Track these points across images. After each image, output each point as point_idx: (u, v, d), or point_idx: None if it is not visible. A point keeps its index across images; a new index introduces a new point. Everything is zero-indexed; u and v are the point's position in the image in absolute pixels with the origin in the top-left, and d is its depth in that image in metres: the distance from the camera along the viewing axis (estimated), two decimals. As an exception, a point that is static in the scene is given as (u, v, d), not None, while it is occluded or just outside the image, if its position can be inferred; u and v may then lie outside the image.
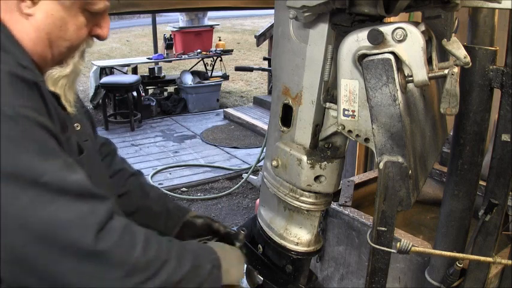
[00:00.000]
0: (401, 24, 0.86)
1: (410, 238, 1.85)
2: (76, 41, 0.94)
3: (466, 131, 1.43)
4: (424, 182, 1.08)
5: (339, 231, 2.16)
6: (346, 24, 0.95)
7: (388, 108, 0.89)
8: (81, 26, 0.92)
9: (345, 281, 2.20)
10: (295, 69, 1.07)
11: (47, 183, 0.76)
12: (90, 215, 0.80)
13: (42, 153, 0.78)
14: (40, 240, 0.76)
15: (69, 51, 0.94)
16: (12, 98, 0.78)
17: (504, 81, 1.33)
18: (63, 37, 0.91)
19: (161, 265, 0.88)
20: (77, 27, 0.92)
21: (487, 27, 1.37)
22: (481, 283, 1.56)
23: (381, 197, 0.94)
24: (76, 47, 0.95)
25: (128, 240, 0.84)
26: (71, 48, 0.94)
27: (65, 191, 0.78)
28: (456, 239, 1.55)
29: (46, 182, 0.76)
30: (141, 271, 0.84)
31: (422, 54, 0.87)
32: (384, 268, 1.02)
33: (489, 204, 1.43)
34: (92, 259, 0.79)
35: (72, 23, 0.91)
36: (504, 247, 1.81)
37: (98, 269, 0.80)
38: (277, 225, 1.25)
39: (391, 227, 0.96)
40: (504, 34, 1.34)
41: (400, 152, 0.91)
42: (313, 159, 1.09)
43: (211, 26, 7.89)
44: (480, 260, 1.34)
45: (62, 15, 0.89)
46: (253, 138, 6.05)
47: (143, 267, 0.84)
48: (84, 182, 0.82)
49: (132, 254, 0.83)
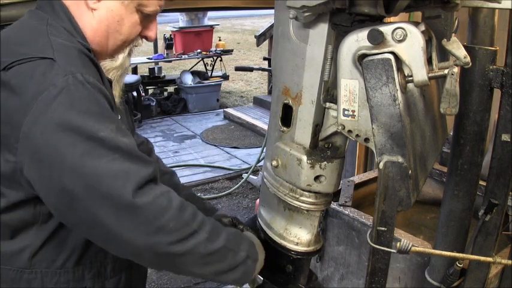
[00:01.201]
0: (401, 24, 0.86)
1: (410, 238, 1.85)
2: (129, 36, 1.08)
3: (466, 131, 1.43)
4: (424, 182, 1.08)
5: (339, 231, 2.16)
6: (346, 24, 0.95)
7: (388, 108, 0.89)
8: (135, 23, 1.07)
9: (345, 281, 2.20)
10: (295, 69, 1.07)
11: (102, 139, 0.90)
12: (134, 172, 0.92)
13: (101, 115, 0.93)
14: (87, 185, 0.89)
15: (123, 45, 1.09)
16: (82, 68, 0.94)
17: (504, 81, 1.33)
18: (119, 31, 1.06)
19: (189, 234, 0.96)
20: (132, 24, 1.06)
21: (487, 27, 1.37)
22: (481, 283, 1.56)
23: (381, 197, 0.94)
24: (129, 43, 1.09)
25: (163, 203, 0.94)
26: (124, 42, 1.08)
27: (115, 149, 0.91)
28: (456, 239, 1.55)
29: (101, 138, 0.90)
30: (168, 233, 0.94)
31: (422, 54, 0.87)
32: (383, 268, 1.02)
33: (489, 204, 1.43)
34: (128, 210, 0.91)
35: (128, 19, 1.05)
36: (504, 247, 1.81)
37: (131, 220, 0.91)
38: (277, 225, 1.25)
39: (391, 227, 0.96)
40: (504, 34, 1.34)
41: (400, 152, 0.91)
42: (313, 159, 1.09)
43: (211, 26, 7.89)
44: (480, 260, 1.34)
45: (121, 11, 1.04)
46: (253, 138, 6.05)
47: (171, 230, 0.94)
48: (132, 146, 0.95)
49: (163, 216, 0.93)
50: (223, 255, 1.03)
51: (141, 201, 0.91)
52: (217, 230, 1.03)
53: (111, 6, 1.03)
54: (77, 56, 0.97)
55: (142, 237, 0.93)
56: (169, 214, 0.94)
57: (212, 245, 1.00)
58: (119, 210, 0.91)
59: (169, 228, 0.94)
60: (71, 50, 0.97)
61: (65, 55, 0.95)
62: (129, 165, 0.92)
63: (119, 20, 1.05)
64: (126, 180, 0.91)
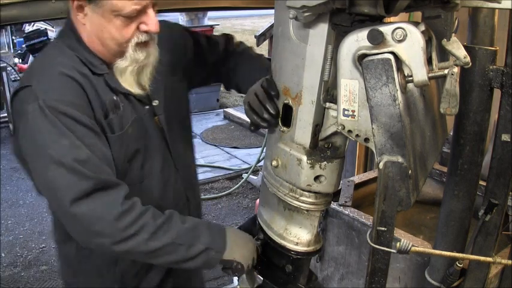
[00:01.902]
0: (401, 24, 0.86)
1: (410, 238, 1.85)
2: (121, 39, 1.18)
3: (466, 131, 1.43)
4: (424, 182, 1.08)
5: (339, 231, 2.16)
6: (346, 24, 0.95)
7: (388, 108, 0.89)
8: (120, 27, 1.16)
9: (345, 281, 2.20)
10: (295, 69, 1.07)
11: (51, 156, 1.10)
12: (73, 185, 1.10)
13: (55, 133, 1.11)
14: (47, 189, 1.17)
15: (120, 47, 1.19)
16: (53, 94, 1.13)
17: (504, 81, 1.33)
18: (108, 38, 1.19)
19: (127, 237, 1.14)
20: (117, 29, 1.17)
21: (487, 27, 1.37)
22: (481, 283, 1.56)
23: (381, 197, 0.94)
24: (124, 43, 1.19)
25: (98, 213, 1.12)
26: (120, 44, 1.19)
27: (60, 164, 1.10)
28: (456, 239, 1.55)
29: (49, 154, 1.10)
30: (107, 237, 1.14)
31: (422, 54, 0.87)
32: (383, 268, 1.02)
33: (489, 204, 1.43)
34: (68, 217, 1.14)
35: (110, 26, 1.16)
36: (504, 247, 1.81)
37: (72, 225, 1.16)
38: (277, 225, 1.25)
39: (391, 227, 0.96)
40: (504, 34, 1.34)
41: (400, 152, 0.91)
42: (313, 159, 1.09)
43: (211, 26, 7.88)
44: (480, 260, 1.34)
45: (100, 21, 1.16)
46: (253, 138, 6.05)
47: (108, 235, 1.13)
48: (81, 159, 1.11)
49: (98, 223, 1.12)
50: (171, 250, 1.19)
51: (76, 210, 1.11)
52: (165, 229, 1.18)
53: (93, 19, 1.17)
54: (55, 79, 1.16)
55: (86, 238, 1.17)
56: (104, 222, 1.12)
57: (154, 243, 1.16)
58: (64, 216, 1.16)
59: (106, 234, 1.13)
60: (55, 79, 1.16)
61: (43, 81, 1.16)
62: (70, 179, 1.10)
63: (102, 30, 1.18)
64: (66, 192, 1.11)
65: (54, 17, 2.06)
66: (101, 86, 1.22)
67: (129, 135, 1.26)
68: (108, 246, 1.15)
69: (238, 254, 1.26)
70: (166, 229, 1.19)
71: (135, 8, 1.14)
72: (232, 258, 1.25)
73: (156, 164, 1.36)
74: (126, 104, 1.26)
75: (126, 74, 1.24)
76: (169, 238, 1.18)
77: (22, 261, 3.55)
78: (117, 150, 1.24)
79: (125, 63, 1.22)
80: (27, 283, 3.30)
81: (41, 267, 3.48)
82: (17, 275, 3.39)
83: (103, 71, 1.23)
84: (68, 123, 1.12)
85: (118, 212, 1.13)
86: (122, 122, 1.24)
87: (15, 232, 3.98)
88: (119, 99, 1.24)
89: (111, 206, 1.13)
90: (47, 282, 3.32)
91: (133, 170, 1.30)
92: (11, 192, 4.74)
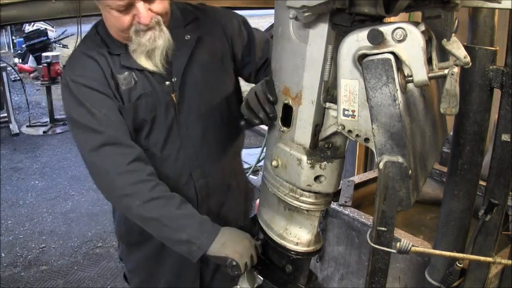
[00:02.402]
0: (401, 24, 0.86)
1: (410, 238, 1.85)
2: (121, 27, 1.33)
3: (466, 131, 1.43)
4: (424, 182, 1.08)
5: (339, 231, 2.16)
6: (346, 24, 0.95)
7: (388, 108, 0.89)
8: (117, 18, 1.32)
9: (345, 281, 2.20)
10: (295, 69, 1.07)
11: (73, 118, 1.39)
12: (88, 140, 1.37)
13: (75, 102, 1.38)
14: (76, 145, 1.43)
15: (124, 33, 1.35)
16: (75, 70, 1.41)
17: (504, 81, 1.33)
18: (110, 26, 1.38)
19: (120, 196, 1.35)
20: (115, 19, 1.32)
21: (487, 27, 1.37)
22: (481, 283, 1.56)
23: (381, 197, 0.94)
24: (125, 31, 1.34)
25: (105, 166, 1.36)
26: (122, 31, 1.35)
27: (77, 124, 1.38)
28: (456, 239, 1.55)
29: (72, 117, 1.40)
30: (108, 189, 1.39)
31: (422, 54, 0.87)
32: (384, 268, 1.02)
33: (489, 204, 1.43)
34: (87, 164, 1.40)
35: (109, 17, 1.34)
36: (504, 247, 1.81)
37: (90, 169, 1.40)
38: (277, 225, 1.25)
39: (391, 227, 0.96)
40: (504, 34, 1.34)
41: (400, 152, 0.91)
42: (313, 159, 1.09)
43: (211, 26, 7.85)
44: (480, 260, 1.34)
45: (104, 13, 1.35)
46: (253, 138, 6.05)
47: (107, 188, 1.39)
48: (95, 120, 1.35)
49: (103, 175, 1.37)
50: (157, 226, 1.35)
51: (91, 160, 1.38)
52: (156, 205, 1.33)
53: (102, 10, 1.37)
54: (80, 60, 1.42)
55: (97, 182, 1.40)
56: (107, 176, 1.36)
57: (143, 212, 1.33)
58: (86, 166, 1.41)
59: (105, 186, 1.39)
60: (78, 58, 1.43)
61: (70, 61, 1.45)
62: (87, 135, 1.37)
63: (106, 19, 1.38)
64: (84, 145, 1.38)
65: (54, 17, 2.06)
66: (117, 64, 1.41)
67: (137, 106, 1.42)
68: (110, 198, 1.41)
69: (231, 250, 1.29)
70: (157, 205, 1.33)
71: (120, 4, 1.28)
72: (224, 255, 1.30)
73: (160, 136, 1.48)
74: (140, 79, 1.42)
75: (137, 54, 1.39)
76: (157, 214, 1.33)
77: (22, 261, 3.55)
78: (125, 119, 1.41)
79: (133, 46, 1.37)
80: (27, 283, 3.30)
81: (41, 267, 3.49)
82: (17, 275, 3.39)
83: (119, 51, 1.41)
84: (87, 92, 1.37)
85: (122, 170, 1.34)
86: (130, 95, 1.42)
87: (15, 232, 3.98)
88: (133, 74, 1.42)
89: (117, 161, 1.35)
90: (47, 282, 3.32)
91: (139, 139, 1.47)
92: (11, 192, 4.74)
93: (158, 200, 1.33)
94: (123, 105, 1.42)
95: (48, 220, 4.20)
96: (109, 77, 1.40)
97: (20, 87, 7.89)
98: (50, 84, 6.75)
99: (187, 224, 1.33)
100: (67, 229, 4.04)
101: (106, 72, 1.40)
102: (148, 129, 1.46)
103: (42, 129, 6.61)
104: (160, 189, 1.36)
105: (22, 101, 7.58)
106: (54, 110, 6.80)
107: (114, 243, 3.81)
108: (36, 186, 4.89)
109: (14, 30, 10.74)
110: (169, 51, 1.40)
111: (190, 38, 1.47)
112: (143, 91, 1.43)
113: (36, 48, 8.63)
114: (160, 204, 1.33)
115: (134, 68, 1.42)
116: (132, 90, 1.42)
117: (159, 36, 1.36)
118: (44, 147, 6.05)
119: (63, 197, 4.64)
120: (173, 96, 1.46)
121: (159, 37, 1.36)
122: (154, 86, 1.44)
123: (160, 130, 1.48)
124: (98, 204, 4.41)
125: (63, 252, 3.69)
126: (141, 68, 1.41)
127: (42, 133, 6.51)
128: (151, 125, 1.46)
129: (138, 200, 1.32)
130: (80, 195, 4.66)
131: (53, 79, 6.76)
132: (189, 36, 1.47)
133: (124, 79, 1.41)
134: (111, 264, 3.53)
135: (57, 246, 3.78)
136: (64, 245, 3.80)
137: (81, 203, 4.50)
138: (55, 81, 6.77)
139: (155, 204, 1.33)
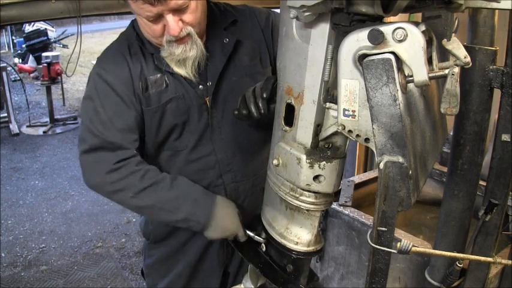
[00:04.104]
0: (401, 24, 0.86)
1: (410, 238, 1.85)
2: (152, 34, 1.33)
3: (466, 131, 1.43)
4: (425, 182, 1.08)
5: (339, 231, 2.16)
6: (345, 24, 0.95)
7: (388, 108, 0.89)
8: (148, 25, 1.30)
9: (345, 281, 2.20)
10: (297, 68, 1.07)
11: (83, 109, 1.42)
12: (84, 140, 1.39)
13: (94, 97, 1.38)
14: None
15: (155, 39, 1.34)
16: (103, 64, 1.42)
17: (504, 81, 1.33)
18: (143, 31, 1.36)
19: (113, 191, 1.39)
20: (146, 26, 1.31)
21: (487, 27, 1.37)
22: (481, 283, 1.56)
23: (381, 197, 0.94)
24: (156, 38, 1.33)
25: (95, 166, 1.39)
26: (153, 37, 1.34)
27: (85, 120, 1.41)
28: (456, 239, 1.56)
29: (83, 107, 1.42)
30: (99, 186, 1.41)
31: (423, 54, 0.86)
32: (384, 268, 1.02)
33: (489, 204, 1.43)
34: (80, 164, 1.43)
35: (143, 23, 1.32)
36: (504, 247, 1.81)
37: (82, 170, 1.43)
38: (278, 224, 1.25)
39: (391, 227, 0.96)
40: (504, 34, 1.34)
41: (401, 152, 0.91)
42: (312, 159, 1.09)
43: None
44: (480, 260, 1.34)
45: (139, 19, 1.33)
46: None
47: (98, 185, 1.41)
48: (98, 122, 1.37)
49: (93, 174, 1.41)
50: (155, 212, 1.41)
51: (83, 160, 1.41)
52: (148, 193, 1.37)
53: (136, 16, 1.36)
54: (111, 55, 1.43)
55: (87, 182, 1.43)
56: (97, 175, 1.39)
57: (137, 201, 1.38)
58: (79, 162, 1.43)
59: (96, 183, 1.41)
60: (109, 53, 1.44)
61: (102, 55, 1.46)
62: (86, 134, 1.39)
63: (139, 24, 1.36)
64: (80, 143, 1.41)
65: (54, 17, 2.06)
66: (150, 64, 1.40)
67: (166, 110, 1.42)
68: (105, 194, 1.43)
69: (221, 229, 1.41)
70: (150, 193, 1.38)
71: (149, 15, 1.25)
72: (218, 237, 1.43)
73: (191, 139, 1.48)
74: (171, 82, 1.41)
75: (168, 61, 1.38)
76: (151, 201, 1.38)
77: (22, 261, 3.56)
78: (151, 121, 1.42)
79: (164, 53, 1.35)
80: (27, 283, 3.30)
81: (41, 267, 3.49)
82: (17, 275, 3.39)
83: (153, 51, 1.39)
84: (105, 89, 1.37)
85: (109, 168, 1.37)
86: (160, 97, 1.40)
87: (15, 232, 3.98)
88: (165, 77, 1.40)
89: (105, 162, 1.37)
90: (47, 282, 3.32)
91: (170, 141, 1.48)
92: (11, 192, 4.74)
93: (150, 188, 1.37)
94: (148, 108, 1.40)
95: (48, 220, 4.20)
96: (136, 78, 1.39)
97: (20, 87, 7.90)
98: (50, 84, 6.75)
99: (182, 203, 1.39)
100: (67, 229, 4.04)
101: (134, 73, 1.39)
102: (179, 132, 1.46)
103: (42, 129, 6.61)
104: (150, 175, 1.39)
105: (22, 101, 7.59)
106: (54, 110, 6.80)
107: (114, 243, 3.82)
108: (36, 186, 4.89)
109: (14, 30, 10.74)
110: (201, 62, 1.38)
111: (228, 42, 1.45)
112: (174, 94, 1.41)
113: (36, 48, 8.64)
114: (152, 191, 1.37)
115: (166, 71, 1.40)
116: (162, 93, 1.40)
117: (190, 48, 1.34)
118: (44, 147, 6.05)
119: (63, 197, 4.65)
120: (207, 100, 1.44)
121: (191, 49, 1.34)
122: (187, 90, 1.42)
123: (192, 133, 1.46)
124: (98, 204, 4.42)
125: (63, 252, 3.69)
126: (172, 70, 1.39)
127: (42, 133, 6.52)
128: (182, 128, 1.45)
129: (131, 192, 1.36)
130: (80, 195, 4.66)
131: (53, 79, 6.76)
132: (228, 40, 1.45)
133: (155, 82, 1.40)
134: (111, 264, 3.53)
135: (57, 246, 3.78)
136: (64, 245, 3.81)
137: (81, 203, 4.51)
138: (55, 81, 6.77)
139: (147, 192, 1.37)
